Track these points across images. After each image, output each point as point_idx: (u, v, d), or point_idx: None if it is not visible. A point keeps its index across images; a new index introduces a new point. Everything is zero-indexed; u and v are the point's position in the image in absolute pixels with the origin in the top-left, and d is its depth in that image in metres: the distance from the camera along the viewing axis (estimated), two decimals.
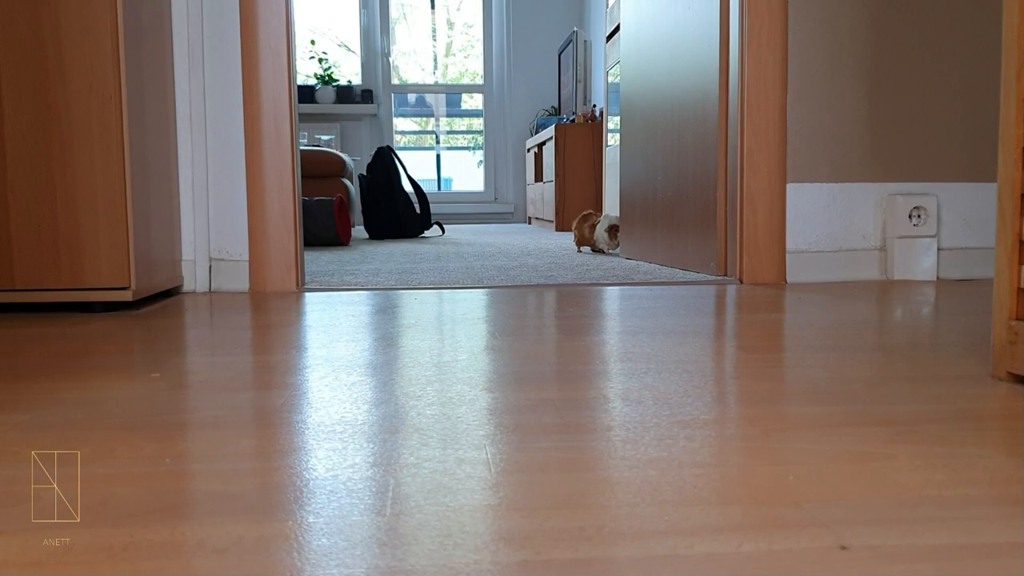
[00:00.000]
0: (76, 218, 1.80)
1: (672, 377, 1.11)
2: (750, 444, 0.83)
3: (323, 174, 5.10)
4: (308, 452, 0.81)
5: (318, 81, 6.99)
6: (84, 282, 1.81)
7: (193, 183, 2.18)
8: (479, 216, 7.26)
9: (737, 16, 2.24)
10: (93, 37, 1.77)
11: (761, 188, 2.24)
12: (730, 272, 2.32)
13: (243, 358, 1.36)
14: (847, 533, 0.61)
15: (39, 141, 1.79)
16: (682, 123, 2.55)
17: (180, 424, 0.95)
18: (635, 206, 3.01)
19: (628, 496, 0.68)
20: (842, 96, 2.26)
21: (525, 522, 0.63)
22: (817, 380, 1.12)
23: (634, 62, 2.97)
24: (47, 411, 0.99)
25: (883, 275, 2.29)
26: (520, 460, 0.78)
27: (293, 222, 2.22)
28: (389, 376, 1.15)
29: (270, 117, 2.19)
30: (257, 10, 2.17)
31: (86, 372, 1.24)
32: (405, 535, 0.61)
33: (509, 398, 1.03)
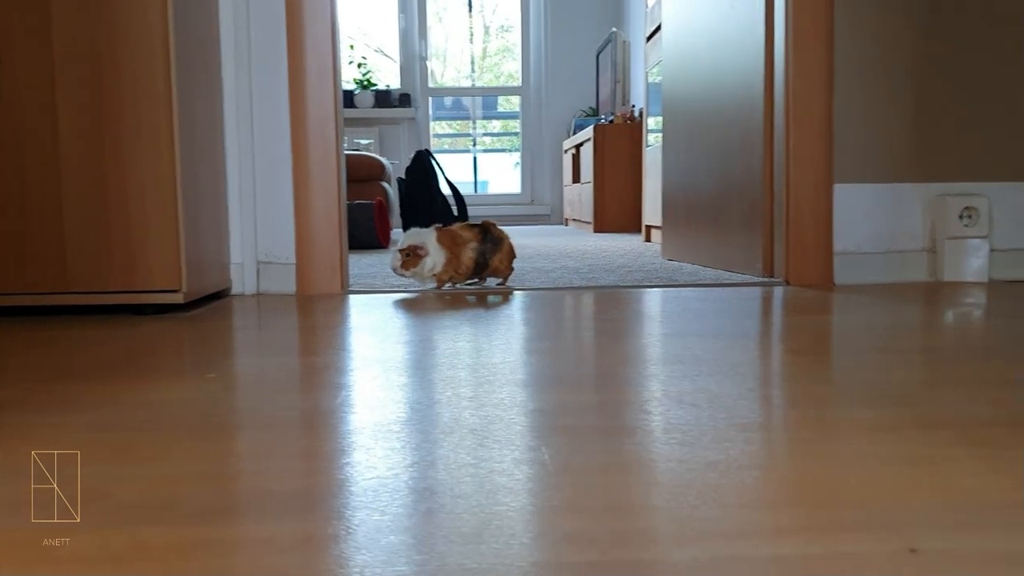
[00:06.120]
0: (128, 222, 1.83)
1: (725, 379, 1.10)
2: (809, 447, 0.82)
3: (363, 178, 5.14)
4: (368, 452, 0.82)
5: (357, 86, 7.04)
6: (136, 285, 1.84)
7: (241, 187, 2.22)
8: (516, 218, 7.26)
9: (782, 15, 2.22)
10: (145, 43, 1.81)
11: (807, 189, 2.22)
12: (776, 273, 2.30)
13: (295, 359, 1.38)
14: (915, 536, 0.61)
15: (92, 146, 1.82)
16: (726, 123, 2.53)
17: (239, 425, 0.97)
18: (677, 207, 3.00)
19: (689, 498, 0.68)
20: (889, 95, 2.23)
21: (589, 523, 0.63)
22: (871, 383, 1.11)
23: (676, 62, 2.96)
24: (108, 412, 1.01)
25: (932, 277, 2.26)
26: (578, 462, 0.78)
27: (338, 225, 2.24)
28: (439, 377, 1.16)
29: (316, 121, 2.21)
30: (303, 16, 2.19)
31: (142, 373, 1.26)
32: (470, 534, 0.61)
33: (560, 400, 1.03)
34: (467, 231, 2.22)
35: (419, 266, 2.16)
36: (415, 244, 2.15)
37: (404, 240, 2.18)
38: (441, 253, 2.17)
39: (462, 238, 2.20)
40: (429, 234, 2.18)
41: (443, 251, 2.17)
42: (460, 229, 2.22)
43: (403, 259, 2.16)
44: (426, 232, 2.18)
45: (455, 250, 2.19)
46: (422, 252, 2.15)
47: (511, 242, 2.29)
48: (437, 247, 2.17)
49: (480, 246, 2.21)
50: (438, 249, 2.17)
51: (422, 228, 2.21)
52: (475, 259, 2.21)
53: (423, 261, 2.15)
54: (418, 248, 2.15)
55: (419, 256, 2.15)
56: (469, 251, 2.20)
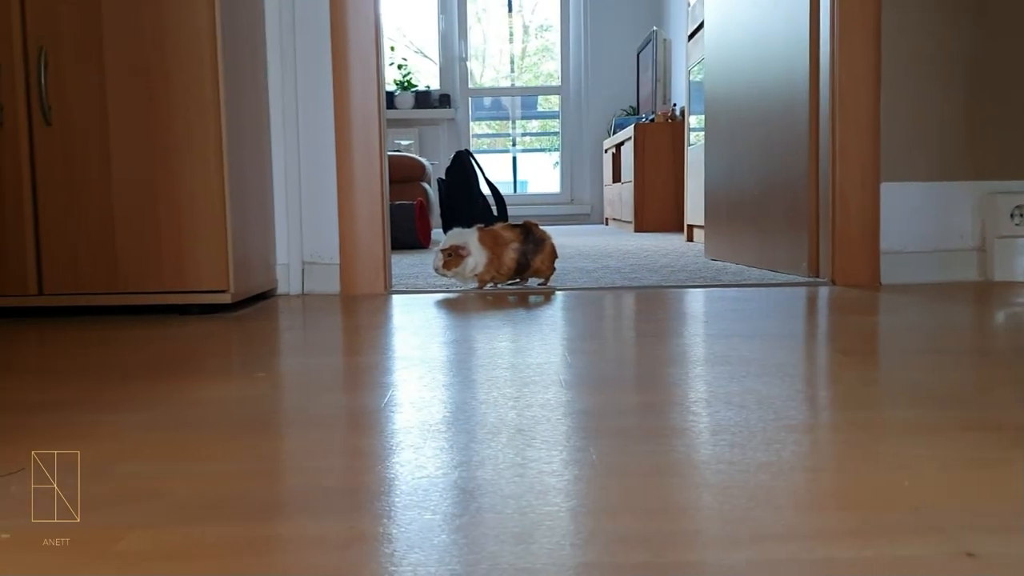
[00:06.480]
0: (177, 224, 1.86)
1: (773, 381, 1.09)
2: (860, 448, 0.81)
3: (403, 178, 5.16)
4: (416, 451, 0.82)
5: (397, 87, 7.09)
6: (185, 285, 1.87)
7: (287, 188, 2.24)
8: (555, 218, 7.25)
9: (828, 13, 2.19)
10: (193, 46, 1.84)
11: (854, 187, 2.19)
12: (822, 273, 2.27)
13: (341, 359, 1.39)
14: (971, 540, 0.60)
15: (142, 148, 1.85)
16: (769, 121, 2.51)
17: (290, 423, 0.98)
18: (720, 205, 2.98)
19: (741, 500, 0.67)
20: (938, 92, 2.19)
21: (640, 524, 0.63)
22: (922, 384, 1.09)
23: (718, 60, 2.94)
24: (160, 411, 1.03)
25: (982, 277, 2.22)
26: (627, 463, 0.78)
27: (382, 226, 2.26)
28: (483, 377, 1.17)
29: (359, 123, 2.23)
30: (347, 18, 2.21)
31: (193, 373, 1.28)
32: (522, 534, 0.62)
33: (606, 401, 1.03)
34: (509, 231, 2.22)
35: (461, 266, 2.16)
36: (457, 244, 2.16)
37: (446, 240, 2.19)
38: (483, 253, 2.18)
39: (504, 238, 2.21)
40: (471, 234, 2.19)
41: (485, 251, 2.18)
42: (502, 229, 2.23)
43: (445, 259, 2.17)
44: (468, 232, 2.19)
45: (497, 250, 2.19)
46: (464, 252, 2.16)
47: (553, 242, 2.29)
48: (479, 247, 2.17)
49: (522, 246, 2.21)
50: (480, 249, 2.17)
51: (464, 228, 2.22)
52: (517, 259, 2.21)
53: (465, 261, 2.16)
54: (460, 248, 2.16)
55: (461, 256, 2.16)
56: (511, 251, 2.20)
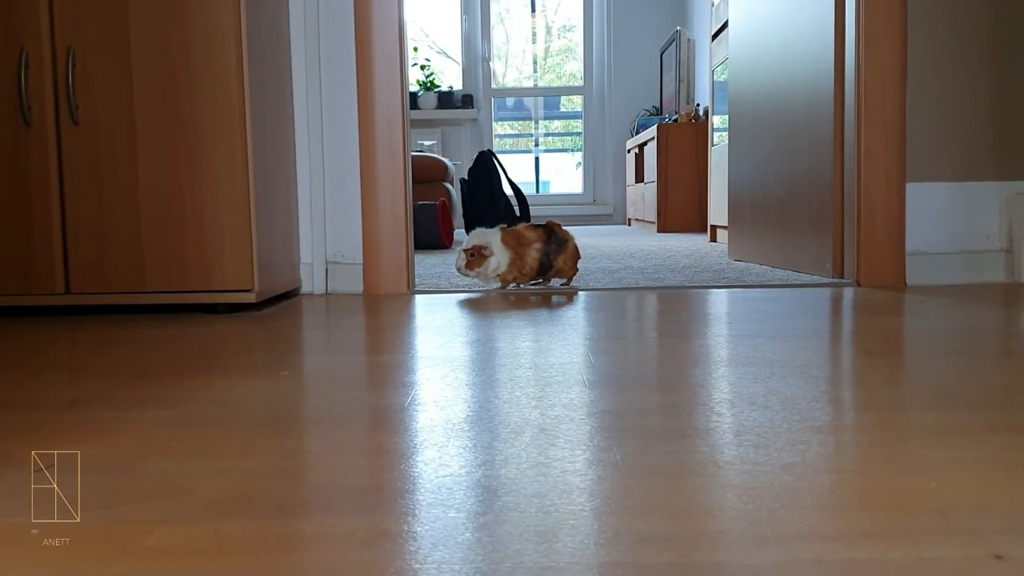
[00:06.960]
0: (203, 224, 1.88)
1: (797, 381, 1.09)
2: (886, 450, 0.81)
3: (426, 179, 5.18)
4: (440, 449, 0.83)
5: (420, 87, 7.11)
6: (210, 284, 1.89)
7: (311, 188, 2.25)
8: (578, 218, 7.24)
9: (853, 13, 2.18)
10: (219, 52, 1.85)
11: (879, 187, 2.17)
12: (847, 274, 2.26)
13: (365, 357, 1.40)
14: (1000, 542, 0.59)
15: (168, 151, 1.87)
16: (794, 121, 2.50)
17: (314, 421, 0.99)
18: (744, 206, 2.96)
19: (767, 501, 0.67)
20: (965, 92, 2.17)
21: (665, 524, 0.63)
22: (949, 386, 1.08)
23: (743, 60, 2.92)
24: (186, 408, 1.04)
25: (1010, 278, 2.19)
26: (650, 463, 0.78)
27: (405, 226, 2.27)
28: (505, 377, 1.17)
29: (383, 124, 2.24)
30: (371, 19, 2.22)
31: (218, 370, 1.30)
32: (546, 533, 0.62)
33: (629, 401, 1.03)
34: (532, 232, 2.22)
35: (483, 266, 2.17)
36: (480, 244, 2.16)
37: (469, 240, 2.19)
38: (505, 253, 2.18)
39: (527, 239, 2.21)
40: (494, 234, 2.19)
41: (507, 251, 2.18)
42: (525, 230, 2.23)
43: (468, 259, 2.17)
44: (491, 232, 2.19)
45: (519, 251, 2.19)
46: (487, 252, 2.16)
47: (576, 243, 2.29)
48: (502, 247, 2.18)
49: (544, 247, 2.21)
50: (502, 249, 2.18)
51: (487, 228, 2.22)
52: (539, 260, 2.21)
53: (488, 261, 2.16)
54: (483, 248, 2.16)
55: (484, 256, 2.16)
56: (533, 252, 2.20)
